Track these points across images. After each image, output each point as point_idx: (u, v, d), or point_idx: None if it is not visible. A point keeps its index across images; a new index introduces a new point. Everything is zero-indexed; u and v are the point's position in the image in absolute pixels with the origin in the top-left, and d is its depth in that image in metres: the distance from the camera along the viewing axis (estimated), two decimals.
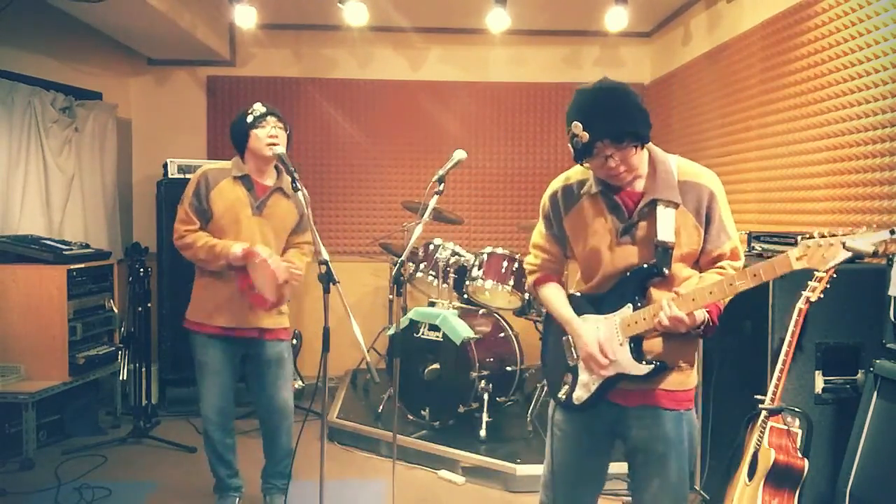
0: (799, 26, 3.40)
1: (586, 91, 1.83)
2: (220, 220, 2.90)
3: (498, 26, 4.64)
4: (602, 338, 1.91)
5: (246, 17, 4.51)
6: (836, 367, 2.60)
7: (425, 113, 5.50)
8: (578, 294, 2.04)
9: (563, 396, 2.03)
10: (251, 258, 2.78)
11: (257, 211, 2.93)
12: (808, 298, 2.41)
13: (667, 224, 1.84)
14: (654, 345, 1.90)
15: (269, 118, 2.89)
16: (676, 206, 1.86)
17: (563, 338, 2.05)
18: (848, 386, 2.61)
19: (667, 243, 1.84)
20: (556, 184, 2.06)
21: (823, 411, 2.60)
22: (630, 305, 1.89)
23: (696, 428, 2.01)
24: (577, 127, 1.79)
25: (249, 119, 2.90)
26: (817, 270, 1.55)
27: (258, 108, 2.92)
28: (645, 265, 1.87)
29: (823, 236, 1.50)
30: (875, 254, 1.48)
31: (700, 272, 1.94)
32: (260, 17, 4.65)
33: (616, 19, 4.56)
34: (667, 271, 1.86)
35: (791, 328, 2.43)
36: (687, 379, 1.96)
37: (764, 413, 2.44)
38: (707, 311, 1.83)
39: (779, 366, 2.42)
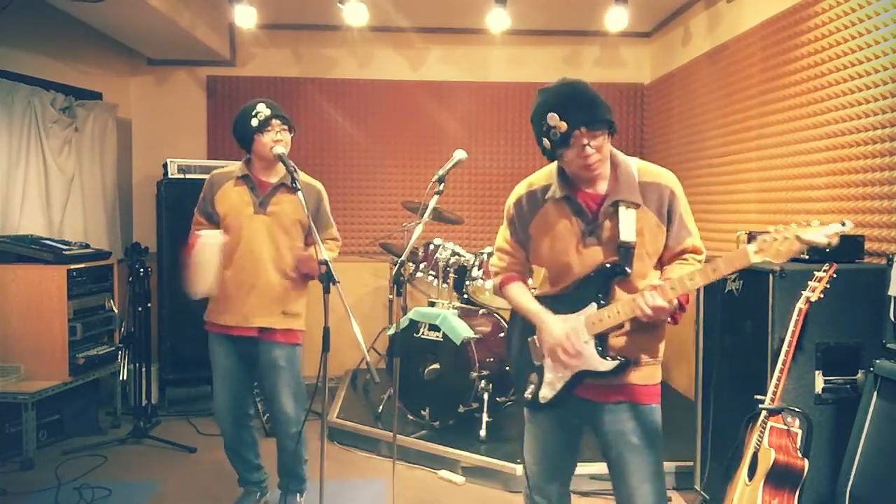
0: (799, 26, 3.40)
1: (554, 87, 1.88)
2: (224, 221, 2.95)
3: (498, 26, 4.64)
4: (569, 330, 1.94)
5: (246, 17, 4.52)
6: (836, 367, 2.60)
7: (425, 113, 5.50)
8: (542, 296, 2.07)
9: (530, 396, 2.05)
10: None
11: (260, 209, 2.92)
12: (808, 298, 2.41)
13: (628, 225, 1.88)
14: (618, 342, 1.94)
15: (273, 122, 2.86)
16: (637, 206, 1.89)
17: (529, 338, 2.07)
18: (848, 386, 2.61)
19: (629, 243, 1.88)
20: (520, 189, 2.08)
21: (823, 411, 2.60)
22: (594, 304, 1.92)
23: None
24: (554, 118, 1.81)
25: (255, 123, 2.84)
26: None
27: (262, 110, 2.85)
28: (608, 264, 1.90)
29: (779, 230, 1.54)
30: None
31: (663, 266, 2.00)
32: (260, 17, 4.66)
33: (616, 19, 4.57)
34: (629, 270, 1.89)
35: (791, 328, 2.44)
36: (655, 373, 2.01)
37: (764, 413, 2.44)
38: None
39: (779, 366, 2.42)
